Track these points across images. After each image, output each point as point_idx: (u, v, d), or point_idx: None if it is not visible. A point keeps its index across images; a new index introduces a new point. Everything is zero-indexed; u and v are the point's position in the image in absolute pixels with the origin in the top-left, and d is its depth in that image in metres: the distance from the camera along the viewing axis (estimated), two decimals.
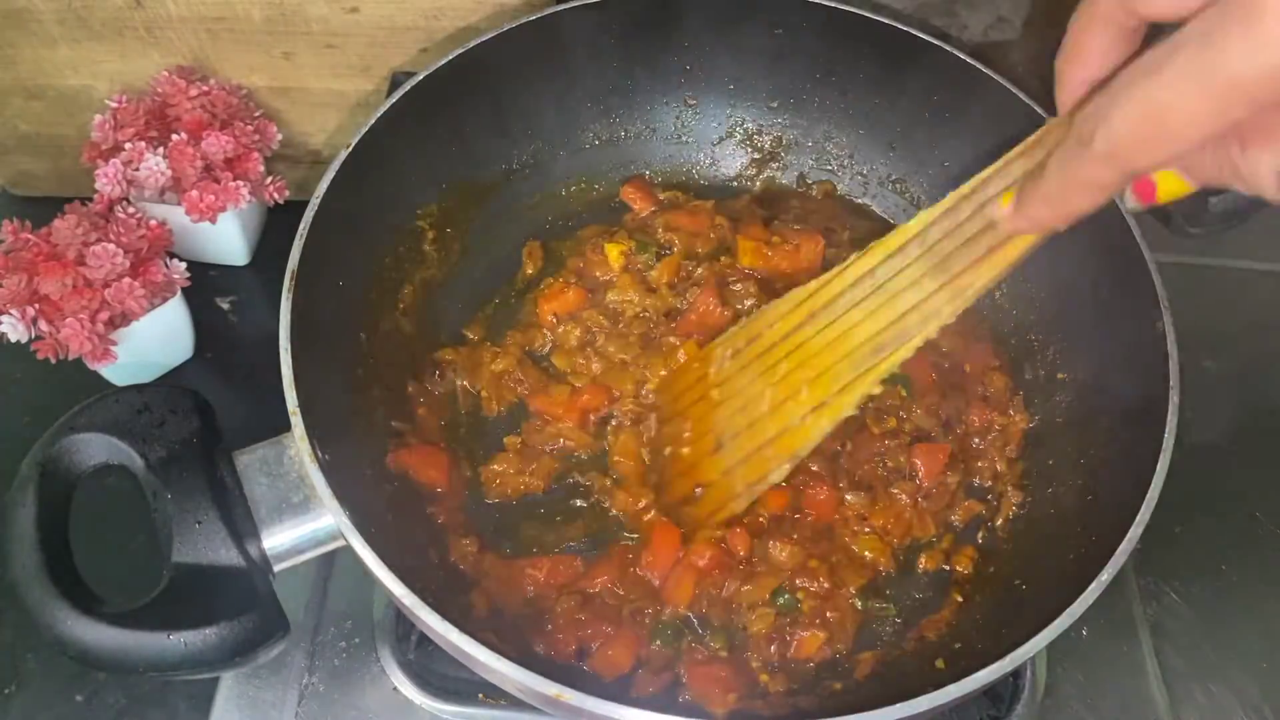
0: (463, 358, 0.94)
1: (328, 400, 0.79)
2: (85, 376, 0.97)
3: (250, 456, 0.71)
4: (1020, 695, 0.85)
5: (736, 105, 1.08)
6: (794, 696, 0.78)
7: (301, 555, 0.70)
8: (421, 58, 1.04)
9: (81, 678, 0.85)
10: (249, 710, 0.84)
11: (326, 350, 0.82)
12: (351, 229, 0.86)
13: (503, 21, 0.94)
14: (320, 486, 0.68)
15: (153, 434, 0.69)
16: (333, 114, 1.10)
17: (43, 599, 0.63)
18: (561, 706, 0.64)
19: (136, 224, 0.95)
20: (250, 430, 0.72)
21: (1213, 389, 1.04)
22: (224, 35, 1.02)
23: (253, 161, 1.01)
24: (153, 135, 1.00)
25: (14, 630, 0.88)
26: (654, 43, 1.02)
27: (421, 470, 0.85)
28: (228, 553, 0.66)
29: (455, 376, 0.93)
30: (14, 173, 1.15)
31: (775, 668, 0.80)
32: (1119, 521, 0.72)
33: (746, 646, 0.81)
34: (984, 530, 0.90)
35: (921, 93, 1.00)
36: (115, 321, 0.92)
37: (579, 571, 0.83)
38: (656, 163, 1.09)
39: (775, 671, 0.80)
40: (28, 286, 0.89)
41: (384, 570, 0.66)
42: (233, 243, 1.08)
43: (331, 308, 0.84)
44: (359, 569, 0.68)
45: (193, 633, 0.63)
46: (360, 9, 0.99)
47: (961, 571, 0.87)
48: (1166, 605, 0.94)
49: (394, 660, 0.85)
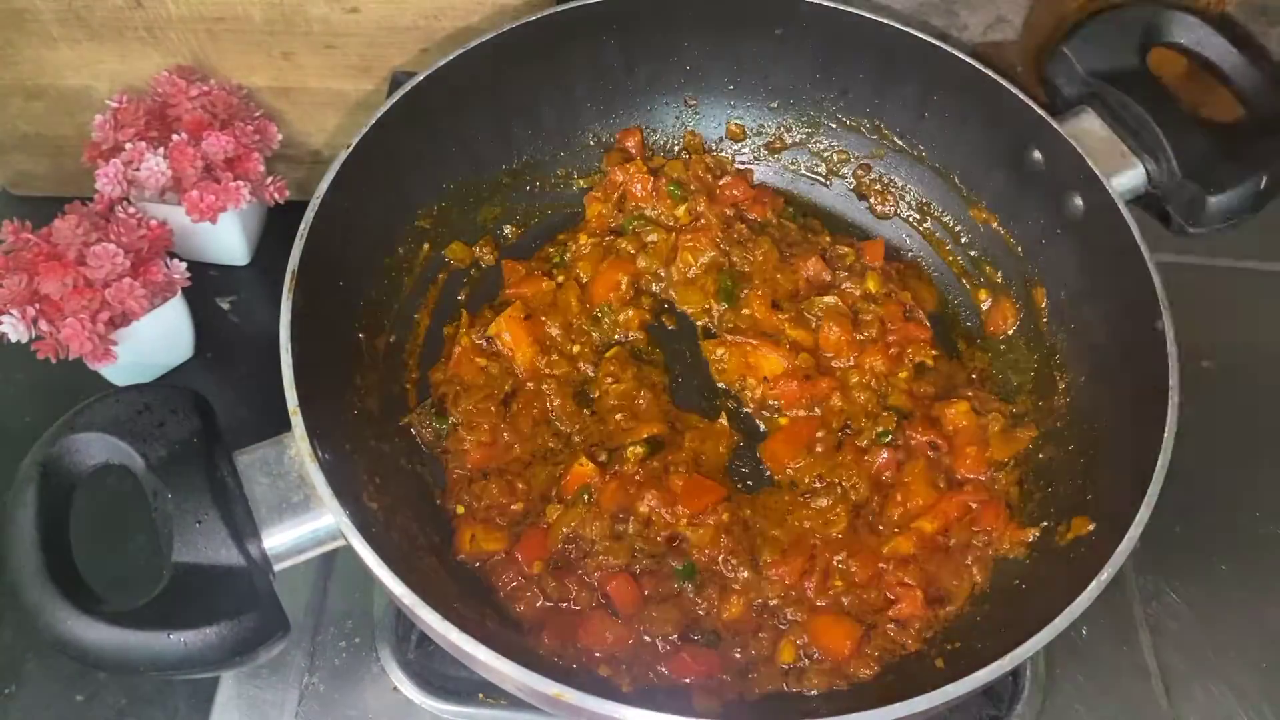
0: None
1: (328, 400, 0.79)
2: (85, 376, 0.97)
3: (250, 456, 0.71)
4: (1020, 695, 0.85)
5: (736, 105, 1.08)
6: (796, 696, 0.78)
7: (301, 555, 0.71)
8: (422, 58, 1.04)
9: (81, 678, 0.85)
10: (249, 710, 0.84)
11: (326, 350, 0.82)
12: (351, 229, 0.86)
13: (503, 21, 0.94)
14: (320, 486, 0.68)
15: (153, 434, 0.69)
16: (333, 114, 1.10)
17: (43, 599, 0.63)
18: (561, 706, 0.64)
19: (137, 224, 0.95)
20: (250, 430, 0.72)
21: (1213, 389, 1.04)
22: (224, 35, 1.02)
23: (253, 161, 1.01)
24: (153, 135, 1.00)
25: (14, 630, 0.88)
26: (654, 42, 1.03)
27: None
28: (228, 552, 0.66)
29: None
30: (14, 173, 1.15)
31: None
32: (1119, 521, 0.72)
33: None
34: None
35: (921, 93, 1.00)
36: (115, 321, 0.92)
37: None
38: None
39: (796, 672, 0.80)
40: (28, 286, 0.89)
41: (384, 570, 0.66)
42: (233, 243, 1.08)
43: (331, 308, 0.84)
44: (359, 569, 0.68)
45: (193, 632, 0.63)
46: (360, 9, 0.99)
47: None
48: (1166, 605, 0.94)
49: (394, 660, 0.85)
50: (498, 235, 1.03)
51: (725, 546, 0.83)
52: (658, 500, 0.84)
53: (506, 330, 0.93)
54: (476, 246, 1.01)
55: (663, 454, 0.87)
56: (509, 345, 0.93)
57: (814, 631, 0.80)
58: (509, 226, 1.04)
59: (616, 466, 0.86)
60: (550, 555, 0.83)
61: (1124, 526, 0.71)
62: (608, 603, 0.81)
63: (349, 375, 0.86)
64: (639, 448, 0.86)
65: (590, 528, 0.83)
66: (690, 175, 1.03)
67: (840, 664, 0.79)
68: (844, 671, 0.79)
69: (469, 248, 1.01)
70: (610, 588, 0.81)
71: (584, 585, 0.82)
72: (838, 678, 0.79)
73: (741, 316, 0.97)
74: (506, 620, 0.81)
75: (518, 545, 0.84)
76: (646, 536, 0.83)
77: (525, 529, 0.85)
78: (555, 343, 0.94)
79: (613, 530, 0.83)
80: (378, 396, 0.89)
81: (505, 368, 0.93)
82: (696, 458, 0.88)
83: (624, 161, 1.03)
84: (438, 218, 0.98)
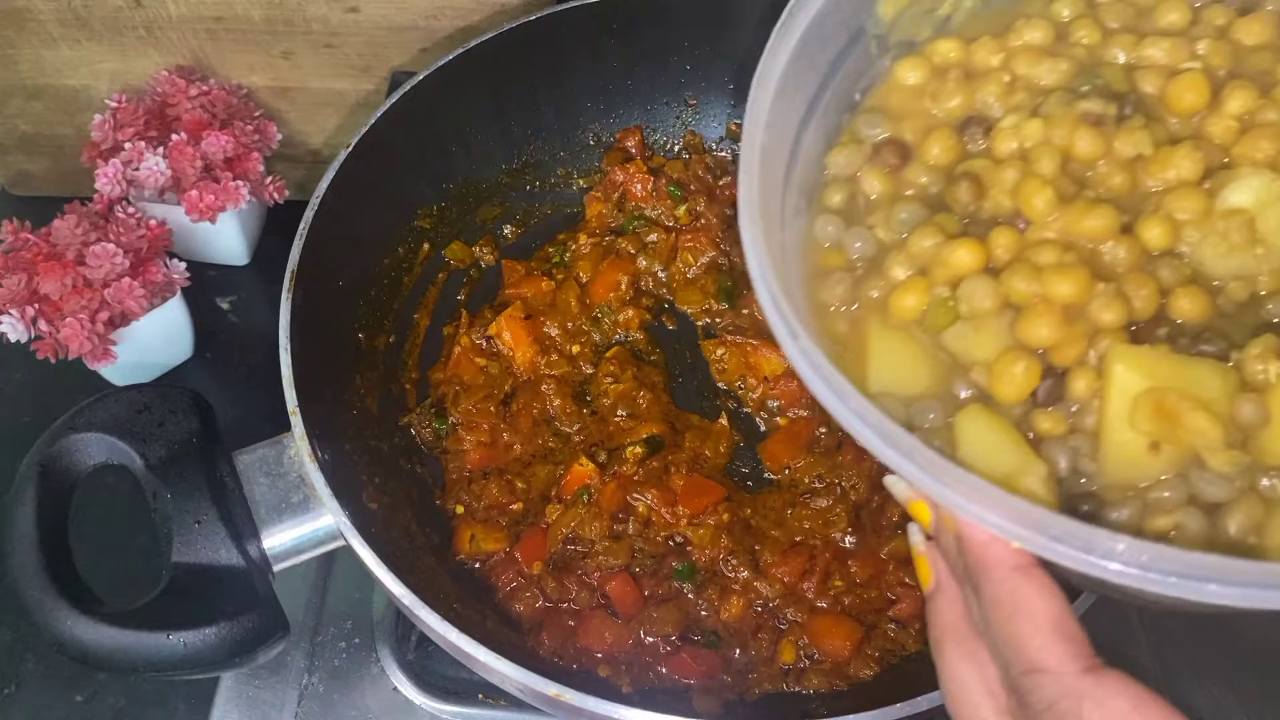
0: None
1: (327, 400, 0.79)
2: (85, 376, 0.97)
3: (250, 456, 0.71)
4: None
5: (737, 105, 1.08)
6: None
7: (301, 555, 0.70)
8: (421, 58, 1.04)
9: (81, 678, 0.85)
10: (249, 710, 0.84)
11: (326, 350, 0.82)
12: (351, 229, 0.86)
13: (503, 21, 0.94)
14: (320, 486, 0.68)
15: (153, 434, 0.69)
16: (333, 114, 1.10)
17: (43, 599, 0.63)
18: (561, 706, 0.64)
19: (136, 224, 0.95)
20: (250, 430, 0.72)
21: None
22: (224, 35, 1.02)
23: (253, 161, 1.01)
24: (153, 135, 1.00)
25: (14, 630, 0.88)
26: (654, 42, 1.02)
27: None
28: (227, 553, 0.66)
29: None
30: (14, 173, 1.15)
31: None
32: None
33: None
34: None
35: None
36: (115, 321, 0.92)
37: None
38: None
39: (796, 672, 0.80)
40: (28, 286, 0.89)
41: (384, 570, 0.66)
42: (233, 243, 1.08)
43: (331, 308, 0.84)
44: (359, 569, 0.68)
45: (193, 633, 0.63)
46: (360, 9, 1.00)
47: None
48: None
49: (394, 660, 0.85)
50: (497, 235, 1.03)
51: (725, 546, 0.82)
52: (658, 500, 0.84)
53: (506, 330, 0.93)
54: (476, 246, 1.01)
55: (662, 454, 0.87)
56: (509, 345, 0.93)
57: (814, 632, 0.80)
58: (509, 226, 1.04)
59: (616, 467, 0.86)
60: (550, 555, 0.83)
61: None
62: (607, 603, 0.81)
63: (349, 375, 0.86)
64: (639, 447, 0.86)
65: (590, 528, 0.82)
66: (690, 175, 1.03)
67: (840, 664, 0.79)
68: (844, 672, 0.79)
69: (469, 248, 1.01)
70: (610, 588, 0.81)
71: (584, 585, 0.82)
72: (838, 678, 0.79)
73: (742, 316, 0.97)
74: (506, 620, 0.81)
75: (517, 545, 0.84)
76: (646, 536, 0.83)
77: (525, 529, 0.85)
78: (555, 343, 0.94)
79: (612, 530, 0.83)
80: (377, 396, 0.89)
81: (505, 368, 0.93)
82: (696, 457, 0.88)
83: (624, 161, 1.03)
84: (438, 218, 0.98)
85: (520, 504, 0.86)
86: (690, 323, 0.99)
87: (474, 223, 1.02)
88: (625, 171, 1.02)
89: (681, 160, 1.05)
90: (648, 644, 0.80)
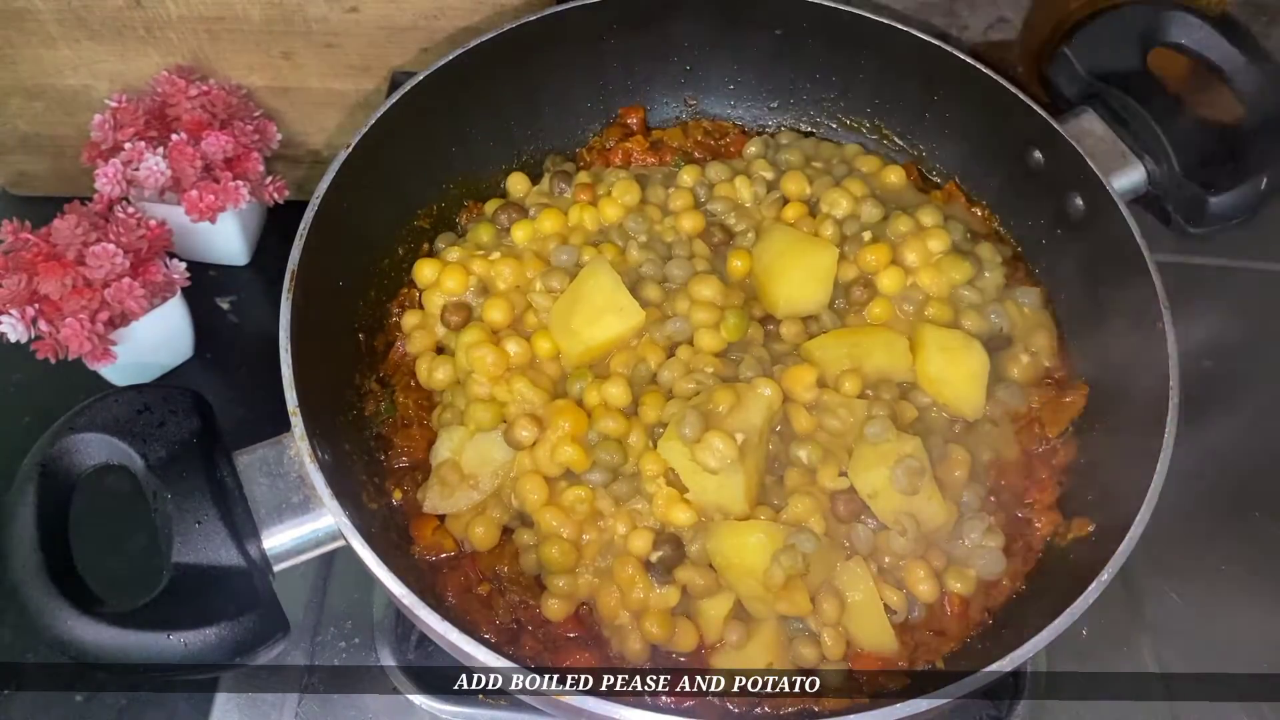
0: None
1: (327, 400, 0.79)
2: (85, 376, 0.97)
3: (250, 456, 0.71)
4: (1020, 695, 0.85)
5: (737, 105, 1.08)
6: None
7: (301, 555, 0.71)
8: (421, 58, 1.04)
9: (81, 678, 0.85)
10: (249, 710, 0.84)
11: (326, 350, 0.82)
12: (351, 229, 0.86)
13: (503, 21, 0.94)
14: (320, 486, 0.68)
15: (153, 434, 0.69)
16: (333, 114, 1.10)
17: (43, 599, 0.63)
18: (561, 706, 0.64)
19: (136, 224, 0.95)
20: (250, 430, 0.72)
21: (1213, 389, 1.04)
22: (224, 35, 1.02)
23: (253, 161, 1.01)
24: (152, 135, 1.00)
25: (14, 630, 0.88)
26: (654, 42, 1.03)
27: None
28: (228, 553, 0.66)
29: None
30: (14, 173, 1.15)
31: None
32: (1119, 521, 0.72)
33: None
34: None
35: (922, 93, 1.00)
36: (115, 321, 0.92)
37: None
38: None
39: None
40: (28, 286, 0.89)
41: (384, 570, 0.66)
42: (233, 243, 1.08)
43: (331, 308, 0.84)
44: (359, 569, 0.68)
45: (193, 633, 0.63)
46: (360, 9, 1.00)
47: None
48: (1166, 605, 0.94)
49: (394, 660, 0.85)
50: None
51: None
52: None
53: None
54: None
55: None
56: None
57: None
58: None
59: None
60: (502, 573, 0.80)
61: (1124, 527, 0.71)
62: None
63: (349, 375, 0.86)
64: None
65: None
66: (690, 142, 1.02)
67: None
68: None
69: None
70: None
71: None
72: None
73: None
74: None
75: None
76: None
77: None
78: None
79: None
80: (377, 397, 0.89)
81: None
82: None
83: (624, 138, 1.03)
84: (438, 218, 0.98)
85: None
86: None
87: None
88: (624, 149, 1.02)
89: (680, 128, 1.05)
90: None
